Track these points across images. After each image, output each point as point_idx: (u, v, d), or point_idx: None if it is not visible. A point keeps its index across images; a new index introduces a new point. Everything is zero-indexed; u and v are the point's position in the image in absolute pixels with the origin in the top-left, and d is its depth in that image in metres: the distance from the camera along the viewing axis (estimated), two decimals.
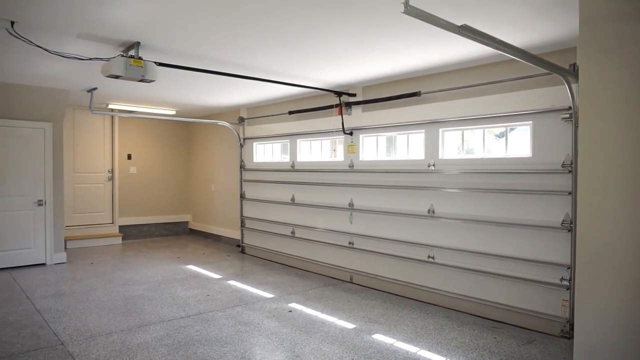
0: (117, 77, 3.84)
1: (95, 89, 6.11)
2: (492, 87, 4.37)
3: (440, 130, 4.83)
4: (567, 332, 3.82)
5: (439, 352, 3.53)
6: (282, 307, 4.65)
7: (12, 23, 3.43)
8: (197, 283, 5.53)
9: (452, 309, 4.63)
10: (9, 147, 6.18)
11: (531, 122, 4.12)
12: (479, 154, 4.62)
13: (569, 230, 3.82)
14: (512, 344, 3.73)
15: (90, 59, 4.12)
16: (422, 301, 4.91)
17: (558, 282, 3.90)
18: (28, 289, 5.19)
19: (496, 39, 2.64)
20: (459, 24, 2.43)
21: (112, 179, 8.58)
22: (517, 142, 4.37)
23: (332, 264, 6.00)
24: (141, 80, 3.99)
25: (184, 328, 3.99)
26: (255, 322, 4.17)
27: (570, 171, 3.81)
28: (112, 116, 8.53)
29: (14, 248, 6.24)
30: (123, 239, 8.56)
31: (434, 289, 4.82)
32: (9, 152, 6.18)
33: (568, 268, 3.84)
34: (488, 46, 2.66)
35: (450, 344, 3.71)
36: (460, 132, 4.74)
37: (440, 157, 4.81)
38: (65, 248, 7.01)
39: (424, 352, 3.53)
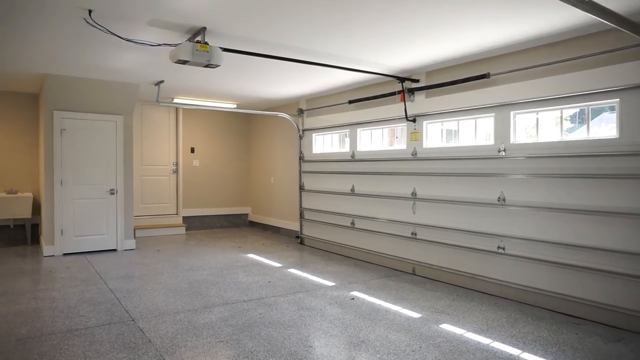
0: (184, 62, 3.92)
1: (162, 81, 6.33)
2: (570, 64, 4.04)
3: (512, 113, 4.54)
4: None
5: (514, 345, 3.29)
6: (344, 294, 4.57)
7: (90, 12, 3.59)
8: (258, 270, 5.58)
9: (525, 303, 4.33)
10: (85, 139, 6.55)
11: (618, 99, 3.76)
12: (555, 136, 4.29)
13: None
14: (596, 340, 3.41)
15: (160, 44, 4.25)
16: (491, 294, 4.64)
17: None
18: (101, 271, 5.46)
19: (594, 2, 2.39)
20: None
21: (176, 171, 8.89)
22: (599, 123, 4.01)
23: (393, 255, 5.84)
24: (207, 66, 4.05)
25: (247, 311, 4.01)
26: (318, 308, 4.11)
27: None
28: (176, 111, 8.85)
29: (89, 234, 6.60)
30: (186, 229, 8.86)
31: (504, 281, 4.54)
32: (85, 144, 6.55)
33: None
34: (582, 9, 2.42)
35: (525, 337, 3.46)
36: (534, 114, 4.43)
37: (511, 141, 4.52)
38: (134, 236, 7.33)
39: (497, 344, 3.31)
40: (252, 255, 6.52)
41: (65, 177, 6.41)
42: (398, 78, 5.51)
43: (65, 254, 6.42)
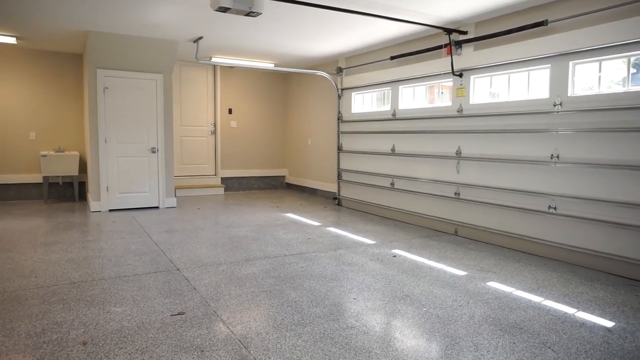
0: (225, 9, 3.81)
1: (200, 38, 6.26)
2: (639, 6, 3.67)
3: (571, 63, 4.21)
4: None
5: (568, 304, 3.14)
6: (385, 252, 4.50)
7: None
8: (297, 228, 5.57)
9: (577, 265, 4.14)
10: (127, 98, 6.61)
11: None
12: (618, 88, 3.96)
13: None
14: None
15: None
16: (539, 255, 4.46)
17: None
18: (145, 225, 5.59)
19: None
20: None
21: (214, 132, 8.93)
22: None
23: (434, 216, 5.69)
24: (248, 14, 3.93)
25: (289, 264, 4.01)
26: (359, 264, 4.06)
27: None
28: (214, 72, 8.80)
29: (132, 191, 6.76)
30: (225, 190, 8.96)
31: (554, 242, 4.33)
32: (127, 102, 6.62)
33: None
34: None
35: (580, 297, 3.29)
36: (596, 64, 4.09)
37: (569, 94, 4.22)
38: (175, 195, 7.47)
39: (549, 302, 3.16)
40: (290, 215, 6.52)
41: (109, 135, 6.53)
42: (445, 30, 5.21)
43: (110, 210, 6.61)
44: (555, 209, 4.33)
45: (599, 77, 4.09)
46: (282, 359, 2.30)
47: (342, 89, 7.52)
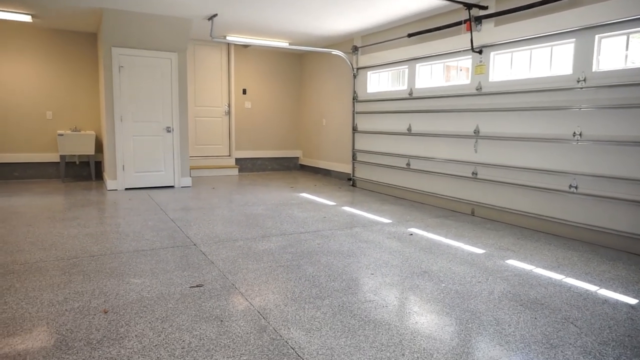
0: None
1: (215, 15, 6.19)
2: None
3: (597, 37, 4.08)
4: None
5: (589, 282, 3.09)
6: (402, 230, 4.46)
7: None
8: (312, 207, 5.56)
9: (598, 244, 4.06)
10: (142, 76, 6.61)
11: None
12: None
13: None
14: None
15: None
16: (558, 235, 4.39)
17: None
18: (161, 203, 5.63)
19: None
20: None
21: (229, 113, 8.91)
22: None
23: (451, 196, 5.63)
24: None
25: (305, 241, 4.00)
26: (376, 241, 4.04)
27: None
28: (228, 52, 8.74)
29: (148, 170, 6.80)
30: (239, 171, 8.98)
31: (575, 222, 4.26)
32: (142, 81, 6.61)
33: None
34: None
35: (602, 275, 3.23)
36: (623, 37, 3.95)
37: (593, 69, 4.09)
38: (190, 175, 7.49)
39: (570, 280, 3.11)
40: (304, 195, 6.51)
41: (125, 113, 6.54)
42: (465, 4, 5.08)
43: (126, 189, 6.67)
44: (576, 188, 4.24)
45: (625, 52, 3.95)
46: (302, 329, 2.29)
47: (358, 68, 7.42)
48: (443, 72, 5.99)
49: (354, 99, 7.51)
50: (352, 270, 3.24)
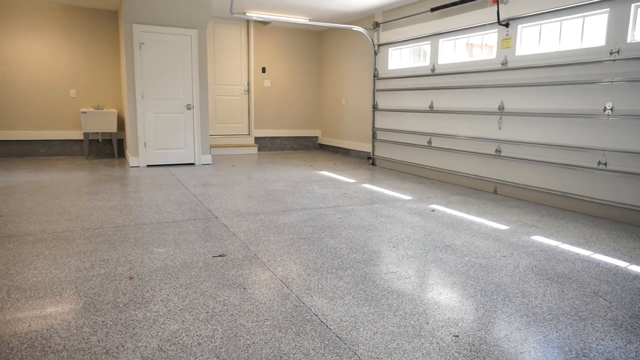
0: None
1: None
2: None
3: (633, 5, 3.89)
4: None
5: (619, 258, 3.01)
6: (423, 207, 4.42)
7: None
8: (332, 184, 5.54)
9: (628, 223, 3.95)
10: (162, 53, 6.61)
11: None
12: None
13: None
14: None
15: None
16: (585, 213, 4.28)
17: None
18: (182, 179, 5.68)
19: None
20: None
21: (248, 91, 8.88)
22: None
23: (473, 175, 5.54)
24: None
25: (326, 215, 3.99)
26: (397, 217, 4.00)
27: None
28: (247, 30, 8.67)
29: (169, 147, 6.86)
30: (258, 150, 8.99)
31: (603, 200, 4.14)
32: (162, 58, 6.62)
33: None
34: None
35: (632, 252, 3.15)
36: None
37: (628, 40, 3.92)
38: (210, 152, 7.53)
39: (599, 256, 3.04)
40: (324, 172, 6.49)
41: (146, 90, 6.58)
42: None
43: (148, 166, 6.74)
44: (605, 164, 4.12)
45: None
46: (325, 297, 2.29)
47: (379, 45, 7.29)
48: (467, 46, 5.83)
49: (374, 77, 7.39)
50: (374, 243, 3.22)
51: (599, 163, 4.17)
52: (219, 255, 2.89)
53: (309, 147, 9.64)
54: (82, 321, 2.00)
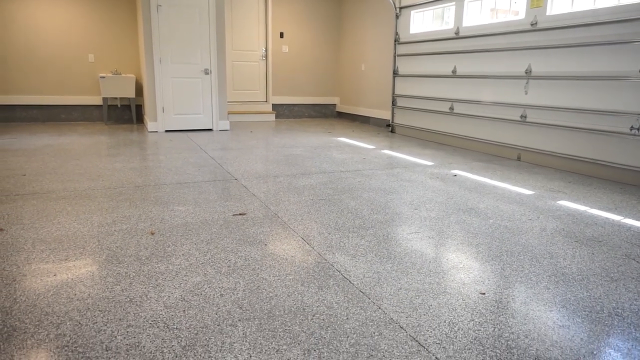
0: None
1: None
2: None
3: None
4: None
5: None
6: (445, 172, 4.33)
7: None
8: (350, 150, 5.46)
9: None
10: (179, 16, 6.50)
11: None
12: None
13: None
14: None
15: None
16: (614, 181, 4.14)
17: None
18: (201, 144, 5.66)
19: None
20: None
21: (266, 57, 8.74)
22: None
23: (496, 141, 5.39)
24: None
25: (345, 179, 3.94)
26: (418, 180, 3.93)
27: None
28: None
29: (187, 112, 6.83)
30: (275, 117, 8.91)
31: (634, 166, 3.99)
32: (180, 21, 6.51)
33: None
34: None
35: None
36: None
37: None
38: (227, 118, 7.49)
39: (629, 221, 2.94)
40: (343, 139, 6.40)
41: (164, 55, 6.51)
42: None
43: (166, 131, 6.74)
44: (638, 129, 3.95)
45: None
46: (347, 255, 2.26)
47: (401, 8, 7.04)
48: (495, 5, 5.58)
49: (395, 41, 7.17)
50: (395, 205, 3.17)
51: (632, 128, 3.99)
52: (240, 214, 2.88)
53: (326, 114, 9.52)
54: (106, 272, 2.01)
